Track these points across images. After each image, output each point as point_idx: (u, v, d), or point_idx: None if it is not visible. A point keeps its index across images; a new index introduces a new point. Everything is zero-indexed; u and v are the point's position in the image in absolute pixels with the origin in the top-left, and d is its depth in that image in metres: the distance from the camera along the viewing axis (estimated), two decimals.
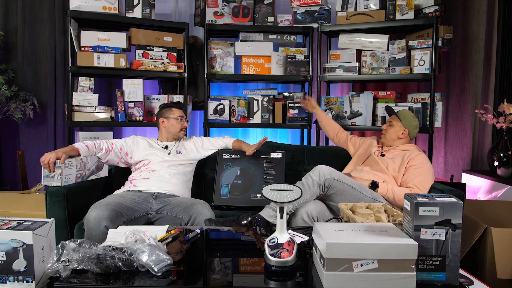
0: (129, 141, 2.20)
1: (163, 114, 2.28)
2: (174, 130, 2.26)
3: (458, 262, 1.07)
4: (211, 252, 1.39)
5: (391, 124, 2.25)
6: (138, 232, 1.20)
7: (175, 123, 2.26)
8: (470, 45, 3.25)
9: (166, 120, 2.26)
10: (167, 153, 2.20)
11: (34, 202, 2.35)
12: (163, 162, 2.13)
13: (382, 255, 1.01)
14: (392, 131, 2.24)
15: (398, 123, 2.23)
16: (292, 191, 1.19)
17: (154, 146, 2.23)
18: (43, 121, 3.23)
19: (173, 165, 2.14)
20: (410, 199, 1.08)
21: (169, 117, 2.26)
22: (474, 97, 3.27)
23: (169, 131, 2.27)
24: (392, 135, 2.23)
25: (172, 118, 2.26)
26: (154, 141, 2.28)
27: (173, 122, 2.26)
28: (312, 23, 2.89)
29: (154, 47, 2.67)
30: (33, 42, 3.18)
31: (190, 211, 1.81)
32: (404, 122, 2.22)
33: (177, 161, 2.17)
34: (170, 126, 2.26)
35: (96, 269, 1.07)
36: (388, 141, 2.25)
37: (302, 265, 1.22)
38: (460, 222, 1.05)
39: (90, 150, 2.02)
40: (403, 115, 2.24)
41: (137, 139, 2.23)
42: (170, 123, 2.26)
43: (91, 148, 2.03)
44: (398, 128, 2.22)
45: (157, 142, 2.27)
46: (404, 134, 2.22)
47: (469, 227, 2.05)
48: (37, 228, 1.07)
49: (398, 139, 2.22)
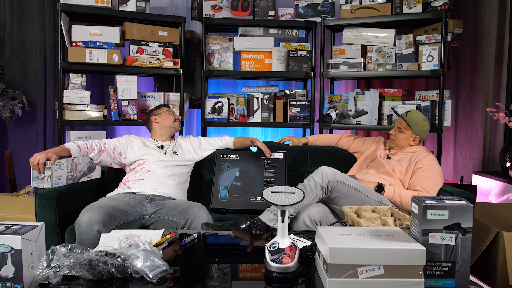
0: (122, 141, 2.20)
1: (153, 113, 2.33)
2: (169, 122, 2.29)
3: (468, 268, 1.07)
4: (209, 257, 1.39)
5: (401, 130, 2.20)
6: (132, 237, 1.20)
7: (167, 116, 2.30)
8: (481, 40, 3.24)
9: (158, 117, 2.30)
10: (163, 153, 2.20)
11: (23, 205, 2.35)
12: (158, 162, 2.13)
13: (389, 261, 1.01)
14: (402, 138, 2.19)
15: (408, 130, 2.18)
16: (293, 194, 1.19)
17: (149, 145, 2.23)
18: (33, 120, 3.23)
19: (169, 166, 2.14)
20: (418, 202, 1.08)
21: (159, 113, 2.30)
22: (485, 95, 3.27)
23: (163, 125, 2.29)
24: (403, 142, 2.20)
25: (163, 112, 2.30)
26: (149, 140, 2.28)
27: (165, 115, 2.30)
28: (315, 17, 2.89)
29: (149, 42, 2.67)
30: (21, 37, 3.18)
31: (186, 214, 1.81)
32: (414, 129, 2.17)
33: (173, 162, 2.17)
34: (163, 120, 2.29)
35: (88, 276, 1.07)
36: (398, 147, 2.22)
37: (304, 272, 1.22)
38: (470, 226, 1.05)
39: (82, 151, 2.02)
40: (413, 121, 2.17)
41: (131, 138, 2.23)
42: (163, 117, 2.29)
43: (83, 148, 2.03)
44: (409, 135, 2.18)
45: (152, 142, 2.28)
46: (415, 141, 2.19)
47: (480, 231, 2.05)
48: (26, 233, 1.07)
49: (409, 146, 2.21)
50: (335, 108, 2.91)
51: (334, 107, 2.92)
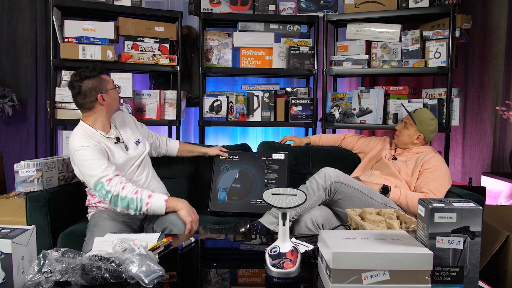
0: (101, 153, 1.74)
1: (98, 89, 1.78)
2: (116, 104, 1.88)
3: (477, 273, 1.07)
4: (207, 262, 1.39)
5: (406, 126, 2.23)
6: (127, 241, 1.20)
7: (115, 95, 1.86)
8: (490, 35, 3.25)
9: (106, 95, 1.80)
10: (125, 149, 1.87)
11: (13, 207, 2.35)
12: (127, 163, 1.84)
13: (394, 266, 1.01)
14: (405, 134, 2.22)
15: (413, 127, 2.20)
16: (295, 196, 1.19)
17: (111, 146, 1.81)
18: (23, 119, 3.23)
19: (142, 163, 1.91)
20: (424, 205, 1.08)
21: (107, 89, 1.81)
22: (495, 93, 3.27)
23: (110, 109, 1.84)
24: (405, 139, 2.22)
25: (110, 89, 1.82)
26: (99, 136, 1.80)
27: (113, 94, 1.84)
28: (317, 11, 2.89)
29: (145, 38, 2.67)
30: (12, 33, 3.18)
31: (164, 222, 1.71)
32: (419, 126, 2.18)
33: (142, 155, 1.91)
34: (111, 101, 1.83)
35: (81, 281, 1.07)
36: (401, 144, 2.25)
37: (306, 277, 1.22)
38: (479, 230, 1.05)
39: None
40: (420, 118, 2.19)
41: (100, 147, 1.74)
42: (111, 96, 1.82)
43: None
44: (413, 132, 2.20)
45: (102, 135, 1.81)
46: (419, 140, 2.20)
47: (489, 235, 2.05)
48: (16, 236, 1.07)
49: (413, 144, 2.22)
50: (338, 106, 2.91)
51: (338, 106, 2.92)
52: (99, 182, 1.65)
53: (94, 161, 1.67)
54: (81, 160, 1.69)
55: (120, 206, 1.65)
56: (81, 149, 1.69)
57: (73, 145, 1.72)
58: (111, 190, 1.64)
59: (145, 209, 1.66)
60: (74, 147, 1.71)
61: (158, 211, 1.67)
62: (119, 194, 1.64)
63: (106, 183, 1.64)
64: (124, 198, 1.64)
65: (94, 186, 1.66)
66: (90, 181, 1.67)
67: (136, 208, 1.65)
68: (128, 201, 1.64)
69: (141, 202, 1.65)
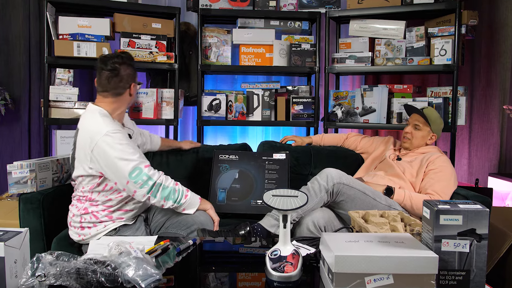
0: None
1: (134, 77, 1.79)
2: (134, 100, 1.96)
3: (484, 277, 1.07)
4: (206, 265, 1.39)
5: (418, 127, 2.17)
6: (123, 244, 1.20)
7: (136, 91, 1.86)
8: (498, 32, 3.24)
9: (134, 88, 1.80)
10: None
11: (6, 209, 2.35)
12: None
13: (398, 269, 1.01)
14: (419, 136, 2.17)
15: (426, 127, 2.17)
16: (296, 197, 1.19)
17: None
18: (16, 118, 3.23)
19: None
20: (429, 206, 1.08)
21: (136, 82, 1.83)
22: (502, 91, 3.27)
23: (130, 103, 1.86)
24: (420, 141, 2.18)
25: (137, 84, 1.86)
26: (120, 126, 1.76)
27: (136, 89, 1.85)
28: (319, 7, 2.89)
29: (141, 35, 2.67)
30: (4, 29, 3.17)
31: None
32: (433, 126, 2.16)
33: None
34: (135, 95, 1.84)
35: (75, 285, 1.07)
36: (414, 147, 2.19)
37: (307, 281, 1.22)
38: (486, 232, 1.05)
39: None
40: (432, 117, 2.16)
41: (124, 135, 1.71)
42: (135, 90, 1.83)
43: None
44: (427, 133, 2.17)
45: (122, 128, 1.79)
46: (432, 140, 2.19)
47: (496, 237, 2.05)
48: (9, 239, 1.07)
49: (424, 145, 2.21)
50: (341, 105, 2.91)
51: (340, 105, 2.92)
52: (137, 168, 1.60)
53: (130, 146, 1.64)
54: (114, 144, 1.59)
55: (159, 196, 1.65)
56: (116, 132, 1.62)
57: (100, 129, 1.61)
58: (154, 178, 1.63)
59: (183, 201, 1.71)
60: (101, 131, 1.60)
61: (192, 206, 1.75)
62: (162, 183, 1.65)
63: (146, 169, 1.62)
64: (166, 188, 1.66)
65: (131, 171, 1.59)
66: (126, 166, 1.59)
67: (175, 200, 1.69)
68: (170, 191, 1.67)
69: (182, 194, 1.71)
